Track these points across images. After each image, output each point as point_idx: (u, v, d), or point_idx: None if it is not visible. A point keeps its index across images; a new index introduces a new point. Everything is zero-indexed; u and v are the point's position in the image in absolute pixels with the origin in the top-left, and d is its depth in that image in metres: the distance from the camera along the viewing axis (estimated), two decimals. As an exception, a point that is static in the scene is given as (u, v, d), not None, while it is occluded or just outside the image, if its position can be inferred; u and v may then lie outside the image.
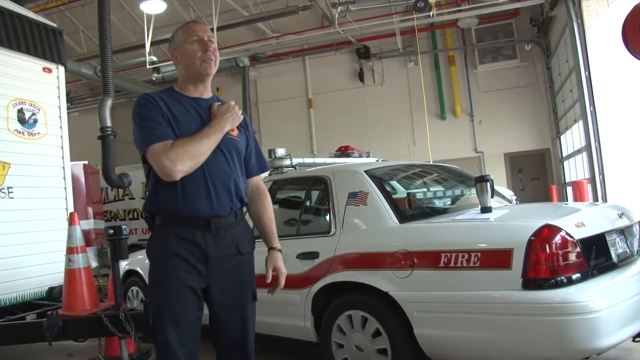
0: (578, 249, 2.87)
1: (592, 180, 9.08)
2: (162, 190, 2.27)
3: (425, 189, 4.46)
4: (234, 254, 2.35)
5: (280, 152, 5.68)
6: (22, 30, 5.11)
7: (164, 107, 2.28)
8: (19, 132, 4.99)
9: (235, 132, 2.43)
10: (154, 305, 2.28)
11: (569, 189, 11.54)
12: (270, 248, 2.50)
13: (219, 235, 2.30)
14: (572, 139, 11.26)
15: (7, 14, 5.00)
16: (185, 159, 2.18)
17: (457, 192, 4.51)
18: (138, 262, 5.44)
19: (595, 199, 8.80)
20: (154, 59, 13.07)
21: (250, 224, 2.54)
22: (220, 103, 2.43)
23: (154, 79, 14.36)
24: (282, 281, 2.44)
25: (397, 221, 3.51)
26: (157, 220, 2.35)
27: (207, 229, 2.27)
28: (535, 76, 13.50)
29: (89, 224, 8.08)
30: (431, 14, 11.12)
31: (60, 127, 5.46)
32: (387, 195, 3.71)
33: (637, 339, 3.17)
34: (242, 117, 2.42)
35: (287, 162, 5.47)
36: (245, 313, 2.39)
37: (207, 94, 2.46)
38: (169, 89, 2.45)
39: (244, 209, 2.50)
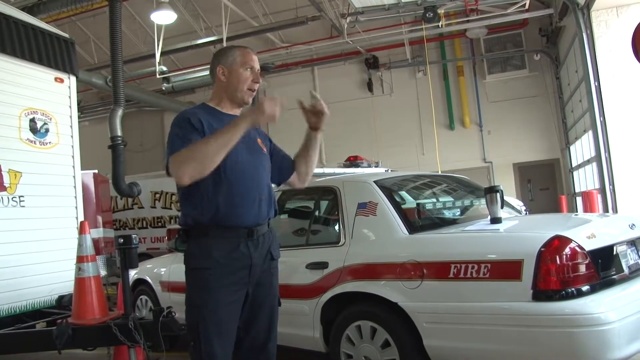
0: (589, 260, 2.84)
1: (602, 190, 9.03)
2: (203, 204, 2.32)
3: (434, 200, 4.45)
4: (268, 259, 2.47)
5: (290, 162, 5.69)
6: (34, 40, 5.16)
7: (204, 122, 2.36)
8: (31, 142, 5.03)
9: (265, 149, 2.60)
10: (194, 315, 2.34)
11: (579, 200, 11.47)
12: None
13: (259, 242, 2.41)
14: (581, 149, 11.21)
15: (20, 24, 5.05)
16: (189, 162, 2.14)
17: (467, 202, 4.49)
18: (147, 271, 5.45)
19: (606, 209, 8.74)
20: (164, 68, 13.20)
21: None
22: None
23: (163, 88, 14.49)
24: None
25: (406, 232, 3.50)
26: (194, 232, 2.38)
27: (250, 238, 2.36)
28: (544, 86, 13.48)
29: (98, 232, 8.09)
30: (440, 24, 11.16)
31: (72, 136, 5.49)
32: (397, 206, 3.70)
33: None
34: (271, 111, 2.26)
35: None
36: (272, 316, 2.52)
37: (239, 112, 2.57)
38: (204, 106, 2.53)
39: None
